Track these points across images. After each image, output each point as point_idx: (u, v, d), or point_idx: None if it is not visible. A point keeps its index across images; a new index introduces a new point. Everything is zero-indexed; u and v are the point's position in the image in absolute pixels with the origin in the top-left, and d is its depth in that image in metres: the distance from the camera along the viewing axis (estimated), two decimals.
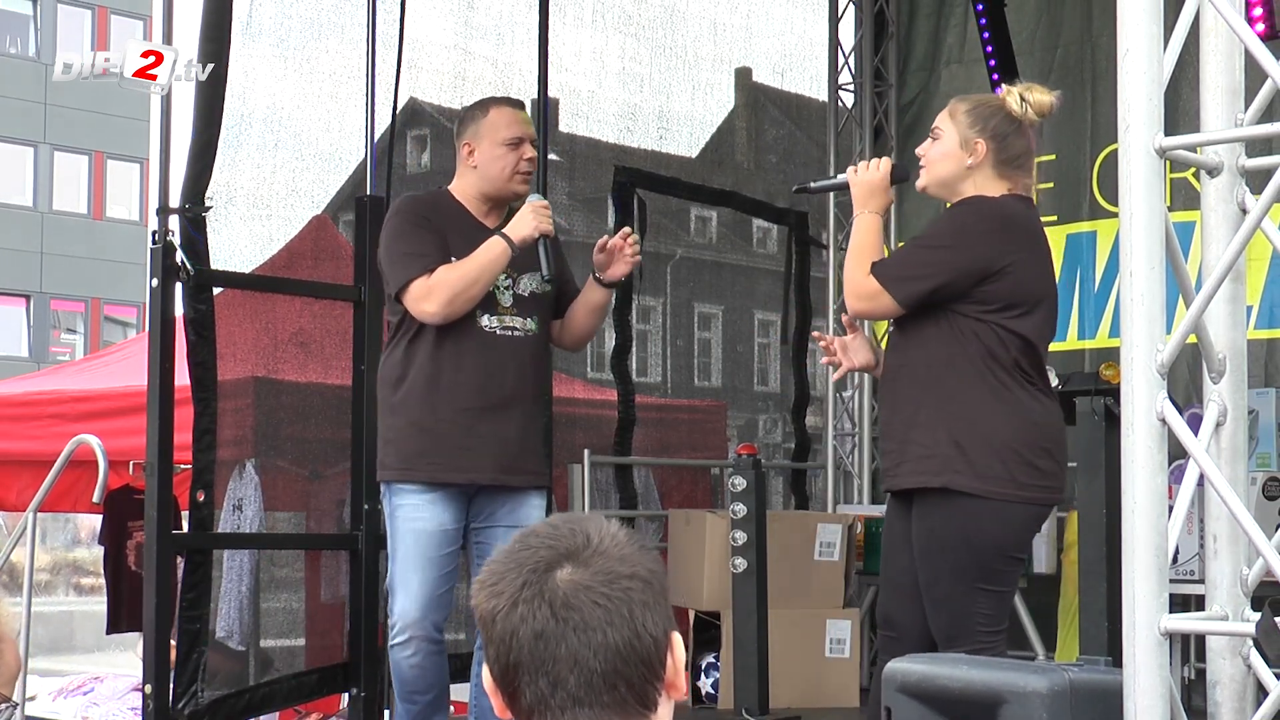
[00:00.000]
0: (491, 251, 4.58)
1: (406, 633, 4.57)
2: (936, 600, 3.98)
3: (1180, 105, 5.78)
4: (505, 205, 4.78)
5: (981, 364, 3.96)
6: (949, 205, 4.19)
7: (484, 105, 4.83)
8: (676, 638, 1.71)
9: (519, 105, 4.86)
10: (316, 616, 6.20)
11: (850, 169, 4.26)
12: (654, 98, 7.67)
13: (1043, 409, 4.01)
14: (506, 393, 4.65)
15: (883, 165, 4.20)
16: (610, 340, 7.22)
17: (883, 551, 4.29)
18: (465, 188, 4.78)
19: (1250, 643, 3.16)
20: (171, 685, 5.07)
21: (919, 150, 4.21)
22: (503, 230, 4.63)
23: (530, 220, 4.61)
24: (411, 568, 4.57)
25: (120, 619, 7.89)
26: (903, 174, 4.27)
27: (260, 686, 5.60)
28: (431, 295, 4.55)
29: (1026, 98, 4.11)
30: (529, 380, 4.73)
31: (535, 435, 4.78)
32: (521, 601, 1.65)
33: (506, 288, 4.67)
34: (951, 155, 4.11)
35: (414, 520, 4.59)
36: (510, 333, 4.67)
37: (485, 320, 4.64)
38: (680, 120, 7.85)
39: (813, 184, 4.73)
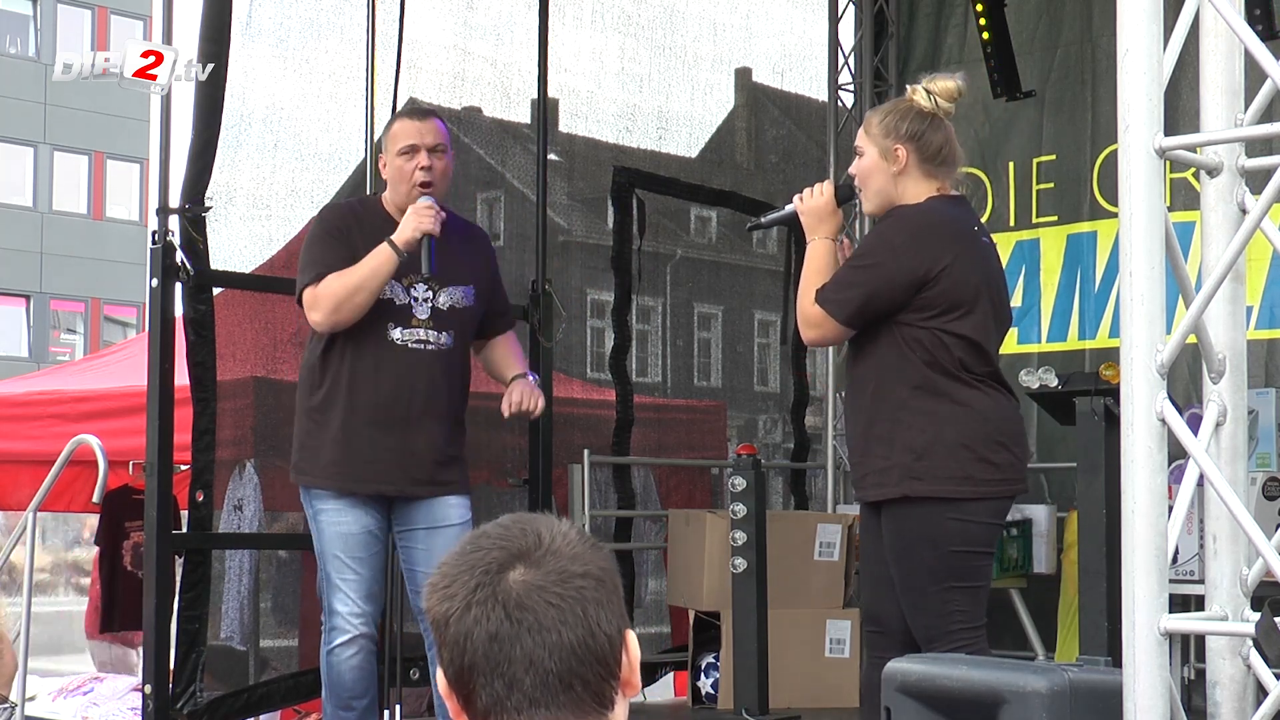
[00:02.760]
0: (376, 259, 4.57)
1: (349, 633, 4.57)
2: (913, 603, 4.03)
3: (1180, 105, 5.78)
4: None
5: (927, 370, 4.00)
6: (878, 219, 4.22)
7: (392, 118, 4.87)
8: (631, 636, 1.71)
9: (422, 114, 4.84)
10: (312, 616, 6.20)
11: (796, 198, 4.28)
12: (653, 98, 7.66)
13: (994, 404, 4.05)
14: (415, 406, 4.63)
15: (826, 190, 4.24)
16: (609, 340, 7.22)
17: (862, 551, 4.34)
18: (388, 198, 4.79)
19: (1250, 643, 3.16)
20: (170, 685, 5.08)
21: (851, 170, 4.24)
22: (390, 237, 4.62)
23: (411, 221, 4.59)
24: (345, 569, 4.59)
25: (113, 619, 7.89)
26: (848, 193, 4.28)
27: (258, 686, 5.61)
28: (317, 305, 4.58)
29: (931, 89, 4.15)
30: (441, 393, 4.68)
31: (449, 447, 4.72)
32: (475, 604, 1.64)
33: (425, 300, 4.65)
34: (876, 168, 4.14)
35: (338, 524, 4.61)
36: (422, 346, 4.64)
37: (396, 333, 4.63)
38: (679, 120, 7.85)
39: (763, 219, 4.69)
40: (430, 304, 4.67)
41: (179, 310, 5.18)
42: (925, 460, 3.98)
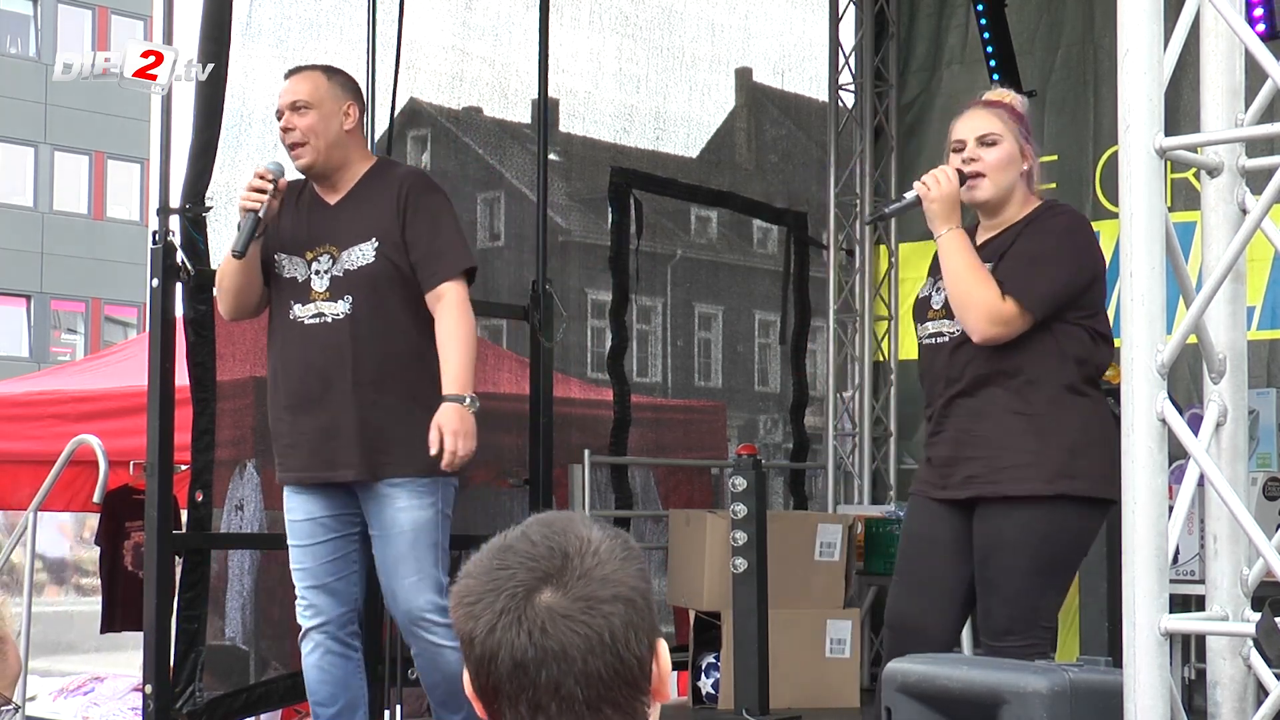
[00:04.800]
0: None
1: (302, 626, 4.46)
2: (1014, 593, 3.90)
3: (1180, 105, 5.77)
4: (334, 175, 4.50)
5: (1077, 367, 3.93)
6: (1032, 213, 4.01)
7: None
8: (662, 645, 1.67)
9: (291, 72, 4.62)
10: None
11: (919, 185, 3.99)
12: (651, 98, 7.67)
13: (1111, 410, 4.05)
14: (319, 384, 4.36)
15: (953, 176, 3.98)
16: (609, 340, 7.22)
17: (908, 553, 4.15)
18: None
19: (1250, 643, 3.16)
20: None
21: (970, 154, 3.99)
22: None
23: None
24: (294, 557, 4.48)
25: (114, 619, 7.90)
26: (960, 181, 4.03)
27: (258, 686, 5.60)
28: None
29: None
30: (348, 366, 4.33)
31: (377, 419, 4.33)
32: (500, 628, 1.60)
33: (325, 271, 4.40)
34: (1015, 162, 4.00)
35: (288, 512, 4.51)
36: (320, 319, 4.37)
37: (295, 310, 4.41)
38: (677, 121, 7.85)
39: (886, 209, 4.45)
40: (329, 274, 4.38)
41: (179, 310, 5.18)
42: (1081, 459, 3.88)
